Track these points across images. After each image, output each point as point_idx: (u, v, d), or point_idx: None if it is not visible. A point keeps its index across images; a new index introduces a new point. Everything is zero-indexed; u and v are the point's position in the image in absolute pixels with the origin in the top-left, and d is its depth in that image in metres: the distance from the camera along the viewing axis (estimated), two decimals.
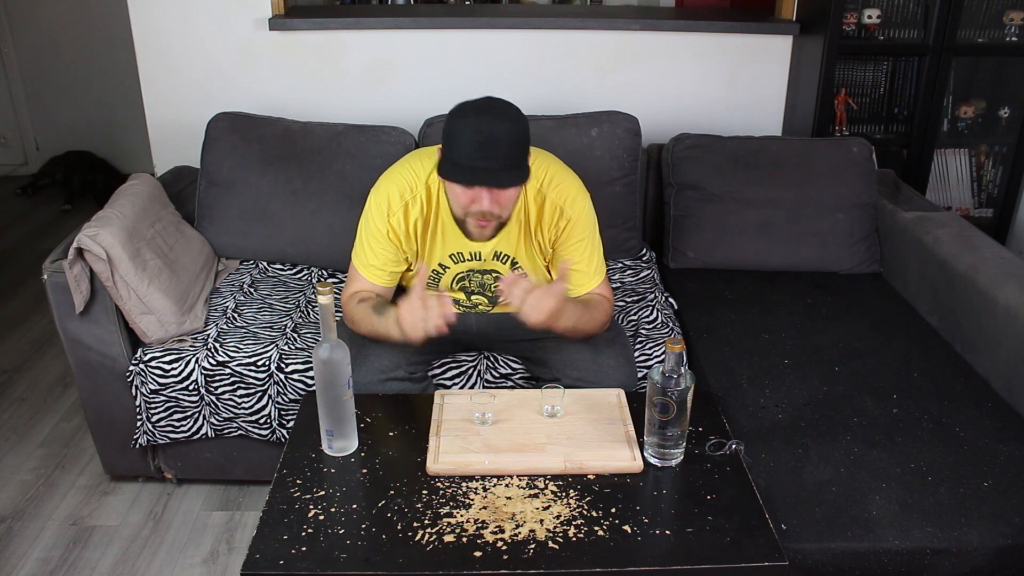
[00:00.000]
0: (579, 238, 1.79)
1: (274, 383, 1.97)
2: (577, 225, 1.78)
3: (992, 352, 1.92)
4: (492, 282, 1.86)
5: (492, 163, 1.55)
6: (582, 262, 1.80)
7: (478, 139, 1.54)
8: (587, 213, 1.80)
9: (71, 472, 2.29)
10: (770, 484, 1.54)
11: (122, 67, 3.84)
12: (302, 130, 2.43)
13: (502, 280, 1.65)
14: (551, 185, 1.77)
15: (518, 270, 1.83)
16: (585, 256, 1.81)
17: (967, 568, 1.45)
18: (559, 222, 1.77)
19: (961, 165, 3.01)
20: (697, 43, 2.78)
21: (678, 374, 1.41)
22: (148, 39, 2.70)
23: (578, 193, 1.79)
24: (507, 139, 1.56)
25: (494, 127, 1.55)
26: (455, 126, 1.58)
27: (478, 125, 1.55)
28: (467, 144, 1.55)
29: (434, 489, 1.42)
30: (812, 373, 1.91)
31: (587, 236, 1.81)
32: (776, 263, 2.43)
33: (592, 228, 1.83)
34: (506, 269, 1.83)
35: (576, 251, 1.79)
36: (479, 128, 1.54)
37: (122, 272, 1.92)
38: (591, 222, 1.82)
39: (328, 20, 2.72)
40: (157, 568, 1.97)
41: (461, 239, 1.78)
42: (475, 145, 1.54)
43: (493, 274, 1.85)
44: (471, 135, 1.54)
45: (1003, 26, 2.78)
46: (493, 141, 1.54)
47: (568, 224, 1.77)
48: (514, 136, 1.57)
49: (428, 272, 1.81)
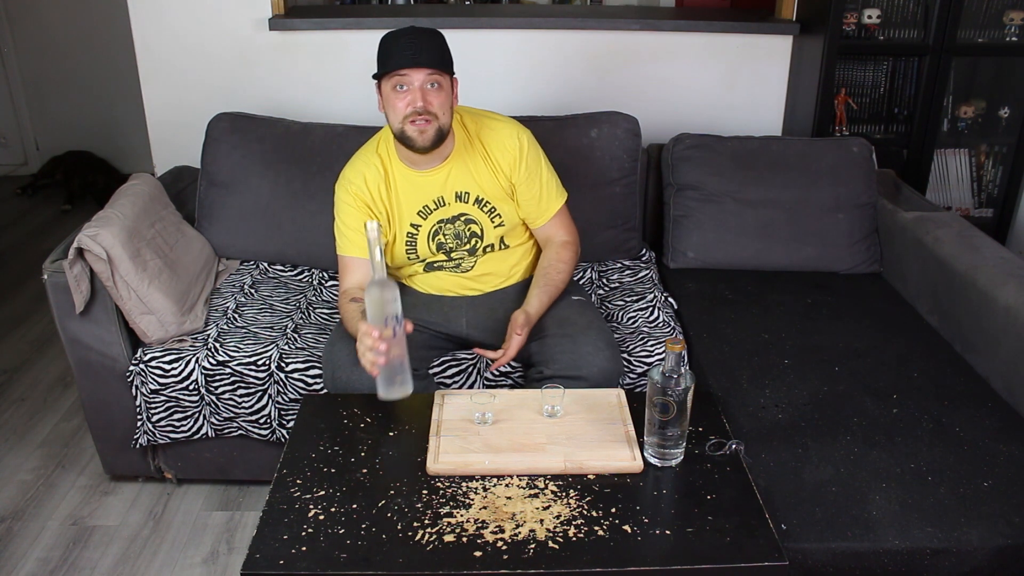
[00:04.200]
0: (532, 165, 1.92)
1: (274, 383, 1.97)
2: (526, 153, 1.91)
3: (992, 352, 1.92)
4: (464, 228, 1.92)
5: (419, 53, 1.72)
6: (543, 188, 1.95)
7: (402, 40, 1.73)
8: (529, 142, 1.93)
9: (71, 472, 2.29)
10: (770, 484, 1.54)
11: (122, 67, 3.84)
12: (302, 131, 2.43)
13: (493, 362, 1.82)
14: (486, 127, 1.92)
15: (486, 207, 1.91)
16: (544, 181, 1.95)
17: (967, 568, 1.45)
18: (508, 155, 1.90)
19: (961, 165, 3.01)
20: (697, 43, 2.78)
21: (678, 374, 1.41)
22: (148, 39, 2.70)
23: (519, 128, 1.94)
24: (428, 35, 1.75)
25: (419, 32, 1.75)
26: (382, 45, 1.76)
27: (400, 32, 1.75)
28: (394, 46, 1.73)
29: (434, 489, 1.42)
30: (812, 373, 1.91)
31: (540, 162, 1.96)
32: (776, 263, 2.43)
33: (541, 155, 1.97)
34: (472, 209, 1.91)
35: (534, 178, 1.93)
36: (401, 32, 1.75)
37: (122, 272, 1.92)
38: (538, 151, 1.96)
39: (328, 20, 2.72)
40: (157, 568, 1.97)
41: (420, 193, 1.89)
42: (400, 45, 1.72)
43: (463, 218, 1.91)
44: (396, 39, 1.74)
45: (1003, 26, 2.78)
46: (416, 37, 1.73)
47: (518, 153, 1.90)
48: (437, 37, 1.77)
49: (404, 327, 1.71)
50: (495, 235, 1.95)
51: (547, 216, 1.97)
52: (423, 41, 1.74)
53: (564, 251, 1.98)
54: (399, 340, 1.53)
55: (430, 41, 1.75)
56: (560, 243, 1.98)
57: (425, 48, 1.73)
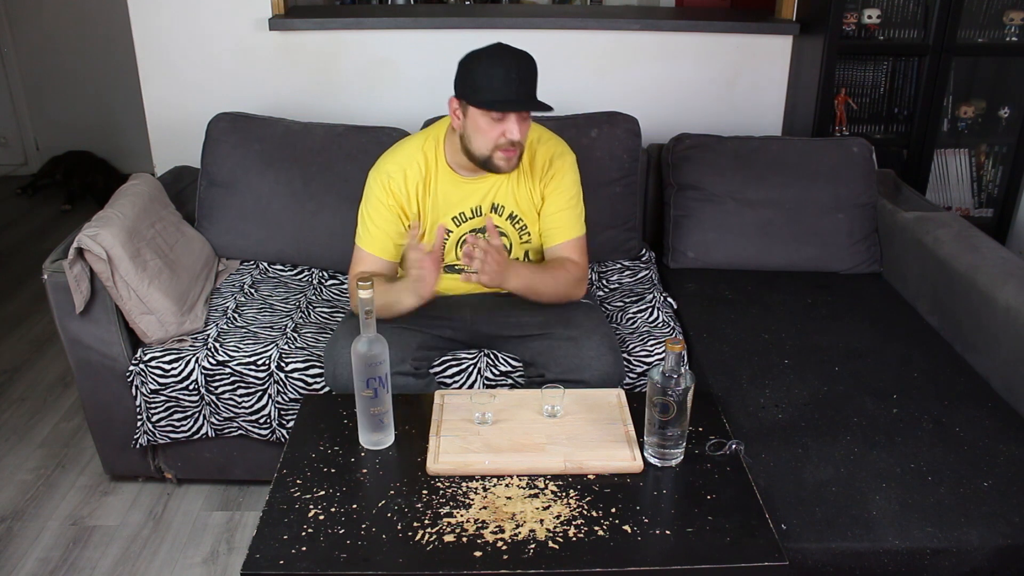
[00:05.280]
0: (564, 183, 1.92)
1: (274, 383, 1.97)
2: (566, 174, 1.92)
3: (992, 352, 1.92)
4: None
5: (524, 90, 1.69)
6: (565, 211, 1.92)
7: (507, 74, 1.67)
8: (573, 166, 1.95)
9: (71, 472, 2.29)
10: (770, 484, 1.54)
11: (122, 67, 3.84)
12: (302, 131, 2.43)
13: (468, 239, 1.75)
14: (540, 141, 1.94)
15: (518, 223, 1.93)
16: (570, 206, 1.93)
17: (967, 568, 1.45)
18: (549, 170, 1.91)
19: (961, 165, 3.01)
20: (697, 43, 2.78)
21: (678, 374, 1.41)
22: (148, 39, 2.70)
23: (566, 149, 1.96)
24: (527, 64, 1.70)
25: (519, 62, 1.69)
26: (479, 70, 1.69)
27: (503, 62, 1.69)
28: (497, 78, 1.67)
29: (434, 489, 1.42)
30: (812, 373, 1.91)
31: (573, 186, 1.94)
32: (776, 263, 2.43)
33: (576, 182, 1.96)
34: (505, 223, 1.92)
35: (561, 196, 1.92)
36: (501, 59, 1.69)
37: (122, 272, 1.92)
38: (576, 176, 1.96)
39: (328, 20, 2.72)
40: (157, 568, 1.97)
41: (461, 200, 1.88)
42: (505, 79, 1.67)
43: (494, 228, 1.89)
44: (497, 69, 1.68)
45: (1003, 26, 2.78)
46: (518, 68, 1.68)
47: (557, 172, 1.91)
48: (533, 65, 1.72)
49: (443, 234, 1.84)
50: (520, 250, 1.97)
51: (561, 238, 1.93)
52: (524, 72, 1.69)
53: (572, 267, 1.92)
54: (381, 399, 1.50)
55: (529, 72, 1.71)
56: (571, 262, 1.93)
57: (526, 81, 1.70)
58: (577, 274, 1.93)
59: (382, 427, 1.52)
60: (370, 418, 1.50)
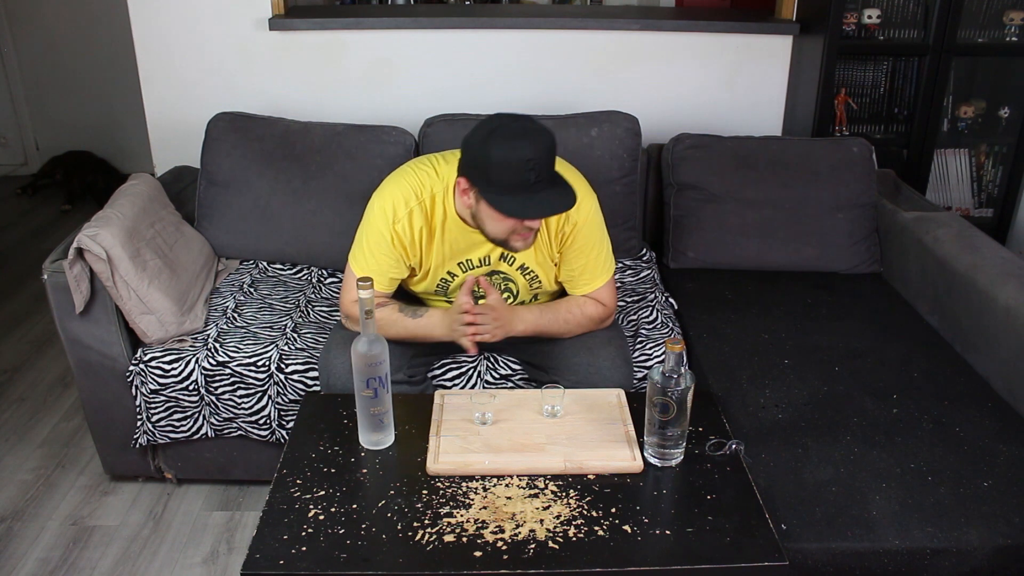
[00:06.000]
0: (584, 241, 1.79)
1: (274, 383, 1.97)
2: (583, 229, 1.78)
3: (992, 352, 1.92)
4: (499, 283, 1.86)
5: (542, 179, 1.55)
6: (589, 264, 1.82)
7: (523, 164, 1.52)
8: (592, 215, 1.80)
9: (71, 472, 2.29)
10: (770, 484, 1.54)
11: (122, 67, 3.83)
12: (302, 130, 2.43)
13: (482, 282, 1.76)
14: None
15: (528, 274, 1.84)
16: (592, 258, 1.82)
17: (967, 568, 1.45)
18: (564, 227, 1.77)
19: (961, 165, 3.01)
20: (697, 43, 2.78)
21: (678, 374, 1.41)
22: (148, 39, 2.70)
23: (584, 196, 1.75)
24: (548, 152, 1.56)
25: (536, 146, 1.54)
26: (492, 156, 1.53)
27: (517, 150, 1.52)
28: (511, 172, 1.53)
29: (434, 489, 1.42)
30: (812, 373, 1.91)
31: (594, 238, 1.81)
32: (776, 263, 2.43)
33: (599, 230, 1.82)
34: (513, 271, 1.84)
35: (582, 254, 1.81)
36: (519, 152, 1.52)
37: (122, 272, 1.92)
38: (597, 224, 1.82)
39: (328, 20, 2.71)
40: (157, 568, 1.97)
41: (469, 248, 1.79)
42: (522, 169, 1.52)
43: (501, 275, 1.85)
44: (515, 162, 1.52)
45: (1003, 26, 2.77)
46: (539, 161, 1.54)
47: (574, 229, 1.78)
48: (553, 147, 1.57)
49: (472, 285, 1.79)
50: (528, 294, 1.90)
51: (586, 288, 1.84)
52: (541, 159, 1.54)
53: (592, 308, 1.84)
54: (381, 399, 1.49)
55: (547, 156, 1.56)
56: (593, 303, 1.85)
57: (544, 167, 1.55)
58: (603, 315, 1.86)
59: (382, 427, 1.52)
60: (370, 418, 1.50)
